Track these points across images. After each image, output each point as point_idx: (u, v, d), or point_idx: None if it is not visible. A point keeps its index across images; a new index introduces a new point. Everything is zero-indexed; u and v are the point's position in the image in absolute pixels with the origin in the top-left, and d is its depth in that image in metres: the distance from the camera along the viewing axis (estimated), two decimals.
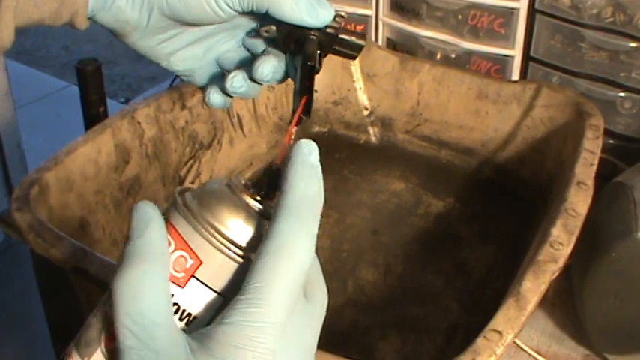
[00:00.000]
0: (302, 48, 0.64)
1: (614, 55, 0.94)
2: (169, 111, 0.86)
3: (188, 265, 0.43)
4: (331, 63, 1.05)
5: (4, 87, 2.08)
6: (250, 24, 0.65)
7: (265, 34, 0.65)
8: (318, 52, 0.64)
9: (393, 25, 1.10)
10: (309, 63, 0.63)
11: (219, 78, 0.69)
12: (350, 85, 1.05)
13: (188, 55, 0.66)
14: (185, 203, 0.44)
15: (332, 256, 0.88)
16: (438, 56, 1.08)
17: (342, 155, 1.05)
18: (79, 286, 0.72)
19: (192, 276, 0.43)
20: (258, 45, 0.68)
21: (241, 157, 0.98)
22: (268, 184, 0.49)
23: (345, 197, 0.98)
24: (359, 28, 1.13)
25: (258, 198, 0.47)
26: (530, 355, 0.79)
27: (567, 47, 0.97)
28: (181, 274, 0.43)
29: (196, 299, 0.44)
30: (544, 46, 0.99)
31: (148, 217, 0.43)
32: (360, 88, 1.05)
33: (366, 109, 1.06)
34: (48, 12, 0.58)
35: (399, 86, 1.03)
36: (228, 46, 0.68)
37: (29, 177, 0.72)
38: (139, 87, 3.32)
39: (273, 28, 0.63)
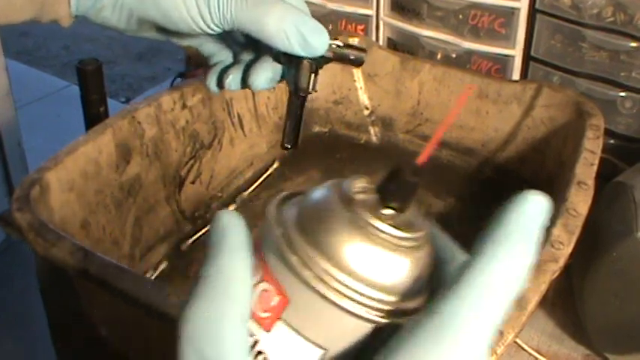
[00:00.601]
0: (295, 71, 0.62)
1: (615, 54, 0.94)
2: (170, 111, 0.86)
3: (274, 303, 0.34)
4: (331, 63, 1.05)
5: (4, 87, 2.08)
6: None
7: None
8: (313, 76, 0.63)
9: (394, 25, 1.10)
10: (301, 94, 0.62)
11: (226, 53, 0.69)
12: (351, 85, 1.05)
13: (188, 39, 0.66)
14: (286, 235, 0.34)
15: None
16: (439, 56, 1.08)
17: (343, 155, 1.05)
18: (80, 286, 0.72)
19: (281, 319, 0.33)
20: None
21: (242, 156, 0.98)
22: (401, 195, 0.37)
23: None
24: (360, 27, 1.13)
25: (390, 222, 0.35)
26: (530, 354, 0.79)
27: (568, 47, 0.97)
28: (267, 314, 0.34)
29: (286, 348, 0.34)
30: (544, 45, 0.99)
31: (231, 236, 0.34)
32: (361, 88, 1.05)
33: (367, 108, 1.06)
34: (28, 16, 0.57)
35: (399, 86, 1.03)
36: (234, 38, 0.67)
37: (30, 177, 0.72)
38: (140, 87, 3.32)
39: None
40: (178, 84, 0.86)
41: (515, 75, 1.03)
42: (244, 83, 0.65)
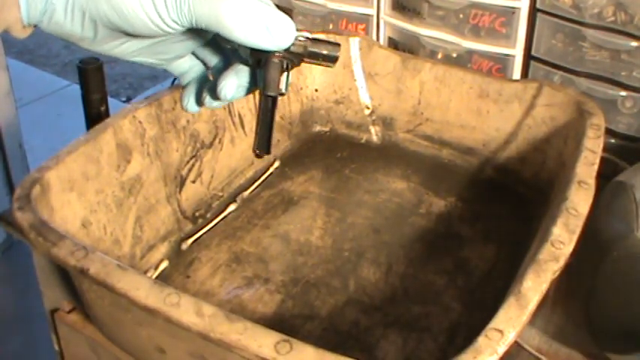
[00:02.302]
0: (264, 71, 0.58)
1: (616, 54, 0.94)
2: (171, 110, 0.86)
3: None
4: None
5: (5, 86, 2.08)
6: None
7: (227, 46, 0.61)
8: (284, 75, 0.59)
9: (395, 24, 1.10)
10: (268, 94, 0.59)
11: (198, 72, 0.66)
12: (351, 84, 1.05)
13: (153, 52, 0.61)
14: None
15: (333, 256, 0.88)
16: (440, 55, 1.08)
17: (344, 154, 1.05)
18: (81, 286, 0.72)
19: None
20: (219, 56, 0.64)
21: (243, 156, 0.98)
22: None
23: (347, 196, 0.98)
24: (360, 27, 1.13)
25: None
26: (531, 354, 0.79)
27: (569, 46, 0.97)
28: None
29: None
30: (545, 45, 0.99)
31: None
32: (362, 87, 1.05)
33: (368, 108, 1.06)
34: None
35: (400, 85, 1.03)
36: (199, 42, 0.63)
37: (30, 176, 0.72)
38: (141, 86, 3.33)
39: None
40: (179, 83, 0.86)
41: (516, 74, 1.03)
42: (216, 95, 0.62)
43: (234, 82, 0.60)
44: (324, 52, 0.60)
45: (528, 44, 1.00)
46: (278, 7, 0.58)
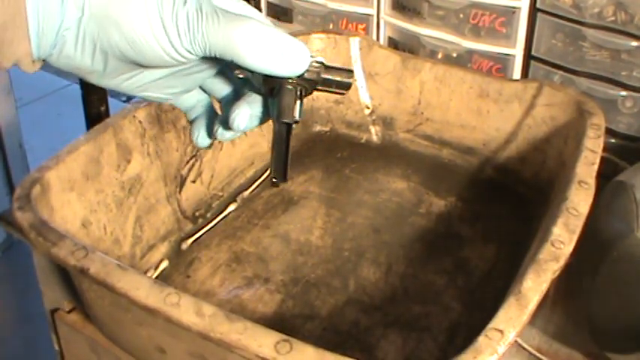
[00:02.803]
0: (278, 98, 0.57)
1: (616, 54, 0.94)
2: (171, 110, 0.86)
3: None
4: (332, 62, 1.05)
5: (5, 86, 2.08)
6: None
7: (240, 76, 0.60)
8: (298, 102, 0.57)
9: (395, 24, 1.10)
10: (283, 120, 0.58)
11: (206, 106, 0.65)
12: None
13: (161, 87, 0.60)
14: None
15: (333, 255, 0.88)
16: (440, 55, 1.08)
17: (344, 154, 1.05)
18: (81, 285, 0.72)
19: None
20: (232, 85, 0.64)
21: (243, 156, 0.98)
22: None
23: (347, 196, 0.98)
24: (360, 27, 1.13)
25: None
26: (531, 353, 0.79)
27: (569, 46, 0.97)
28: None
29: None
30: (545, 45, 0.99)
31: None
32: (362, 87, 1.05)
33: (368, 108, 1.06)
34: None
35: (400, 85, 1.03)
36: (208, 73, 0.63)
37: (30, 176, 0.72)
38: None
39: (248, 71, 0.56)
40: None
41: (516, 74, 1.03)
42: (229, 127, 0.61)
43: (247, 111, 0.59)
44: (338, 78, 0.60)
45: (528, 44, 1.00)
46: (278, 7, 0.58)
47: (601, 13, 0.93)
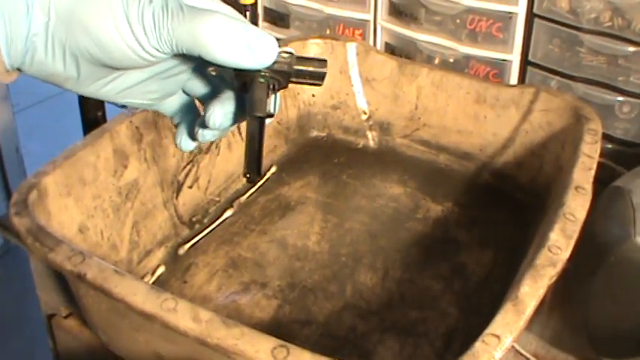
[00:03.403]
0: (250, 92, 0.57)
1: (613, 59, 0.94)
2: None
3: None
4: (329, 68, 1.05)
5: (2, 91, 2.08)
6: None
7: (212, 73, 0.60)
8: (272, 96, 0.57)
9: (392, 30, 1.10)
10: (256, 114, 0.57)
11: (190, 109, 0.65)
12: (348, 90, 1.05)
13: (141, 92, 0.60)
14: None
15: (330, 261, 0.88)
16: (437, 60, 1.08)
17: (341, 160, 1.05)
18: (78, 291, 0.72)
19: None
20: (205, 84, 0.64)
21: (239, 161, 0.98)
22: None
23: (344, 202, 0.98)
24: (357, 32, 1.13)
25: None
26: (528, 359, 0.79)
27: (565, 51, 0.97)
28: None
29: None
30: (542, 50, 0.99)
31: None
32: (359, 93, 1.05)
33: (365, 113, 1.06)
34: None
35: (397, 90, 1.03)
36: (186, 75, 0.63)
37: (27, 181, 0.72)
38: None
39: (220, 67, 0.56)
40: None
41: (513, 79, 1.03)
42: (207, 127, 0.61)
43: (221, 109, 0.59)
44: (310, 68, 0.59)
45: (525, 49, 1.01)
46: (275, 12, 0.58)
47: (598, 18, 0.93)
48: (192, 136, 0.64)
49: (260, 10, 1.19)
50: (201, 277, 0.86)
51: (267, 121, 0.59)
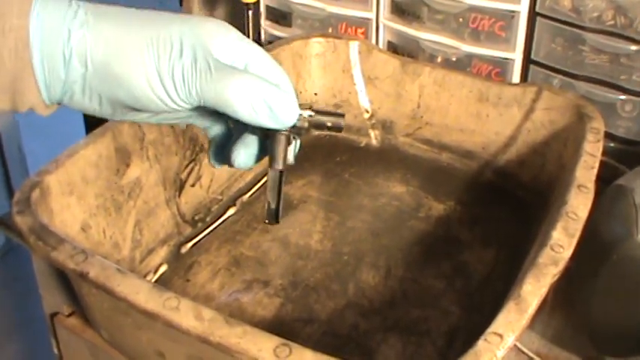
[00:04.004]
0: (270, 145, 0.62)
1: (615, 58, 0.94)
2: None
3: None
4: (332, 67, 1.05)
5: None
6: None
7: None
8: (290, 147, 0.62)
9: (394, 28, 1.10)
10: (275, 167, 0.62)
11: (221, 124, 0.68)
12: (351, 88, 1.05)
13: (171, 119, 0.64)
14: None
15: (333, 259, 0.88)
16: (439, 59, 1.08)
17: (343, 158, 1.05)
18: (80, 289, 0.72)
19: None
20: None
21: None
22: None
23: (346, 200, 0.98)
24: (360, 31, 1.13)
25: None
26: (530, 357, 0.79)
27: (568, 50, 0.97)
28: None
29: None
30: (545, 49, 0.99)
31: None
32: (361, 91, 1.05)
33: (367, 112, 1.06)
34: (6, 106, 0.57)
35: (399, 89, 1.03)
36: (213, 116, 0.66)
37: (30, 180, 0.72)
38: None
39: None
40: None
41: (516, 78, 1.03)
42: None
43: (245, 151, 0.63)
44: (329, 124, 0.63)
45: (528, 48, 1.00)
46: (277, 11, 0.59)
47: (600, 17, 0.93)
48: (221, 157, 0.67)
49: (262, 9, 1.19)
50: (204, 276, 0.86)
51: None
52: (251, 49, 0.60)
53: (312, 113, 0.62)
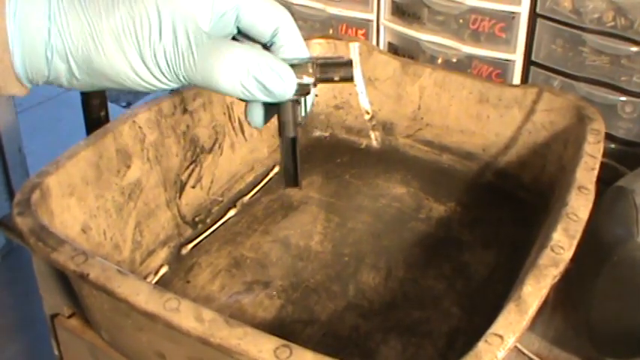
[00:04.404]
0: (278, 111, 0.60)
1: (616, 59, 0.94)
2: (170, 115, 0.86)
3: None
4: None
5: None
6: None
7: None
8: (302, 101, 0.60)
9: (395, 29, 1.10)
10: (286, 135, 0.60)
11: None
12: (351, 89, 1.05)
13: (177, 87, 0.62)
14: None
15: (333, 260, 0.88)
16: (439, 60, 1.08)
17: (344, 159, 1.05)
18: (80, 291, 0.72)
19: None
20: None
21: (242, 161, 0.98)
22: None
23: (347, 201, 0.98)
24: (360, 32, 1.13)
25: None
26: (531, 359, 0.79)
27: (568, 51, 0.97)
28: None
29: None
30: (545, 50, 0.99)
31: None
32: (362, 93, 1.05)
33: (368, 113, 1.06)
34: None
35: (400, 90, 1.03)
36: None
37: (30, 181, 0.72)
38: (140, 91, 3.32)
39: None
40: (179, 89, 0.86)
41: (516, 79, 1.03)
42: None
43: (256, 114, 0.61)
44: (336, 78, 0.61)
45: (528, 49, 1.00)
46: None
47: (601, 18, 0.93)
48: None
49: None
50: (204, 277, 0.86)
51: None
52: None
53: (313, 79, 0.59)
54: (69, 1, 0.53)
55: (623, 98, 0.95)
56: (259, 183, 1.00)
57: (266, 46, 0.60)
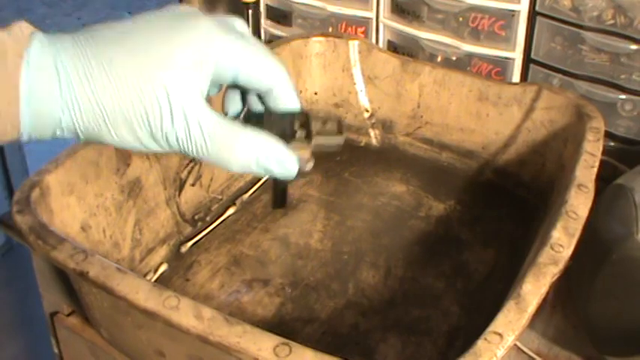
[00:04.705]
0: (272, 185, 0.67)
1: (615, 57, 0.94)
2: None
3: None
4: (332, 66, 1.05)
5: None
6: None
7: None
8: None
9: (394, 28, 1.10)
10: (279, 185, 0.67)
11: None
12: (351, 88, 1.05)
13: None
14: None
15: (332, 259, 0.88)
16: (439, 58, 1.08)
17: (343, 158, 1.05)
18: (80, 289, 0.72)
19: None
20: None
21: None
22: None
23: (346, 200, 0.98)
24: (360, 30, 1.13)
25: None
26: (530, 357, 0.79)
27: (568, 49, 0.97)
28: None
29: None
30: (545, 48, 0.99)
31: None
32: (361, 91, 1.05)
33: (367, 111, 1.06)
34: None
35: (399, 89, 1.03)
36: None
37: (30, 179, 0.72)
38: None
39: None
40: None
41: (516, 77, 1.03)
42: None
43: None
44: (326, 144, 0.68)
45: (528, 47, 1.00)
46: (278, 10, 0.59)
47: (600, 16, 0.93)
48: None
49: (263, 8, 1.19)
50: (204, 275, 0.86)
51: None
52: (238, 60, 0.58)
53: (312, 163, 0.65)
54: (78, 82, 0.52)
55: (623, 96, 0.95)
56: (259, 181, 1.00)
57: (260, 97, 0.62)
